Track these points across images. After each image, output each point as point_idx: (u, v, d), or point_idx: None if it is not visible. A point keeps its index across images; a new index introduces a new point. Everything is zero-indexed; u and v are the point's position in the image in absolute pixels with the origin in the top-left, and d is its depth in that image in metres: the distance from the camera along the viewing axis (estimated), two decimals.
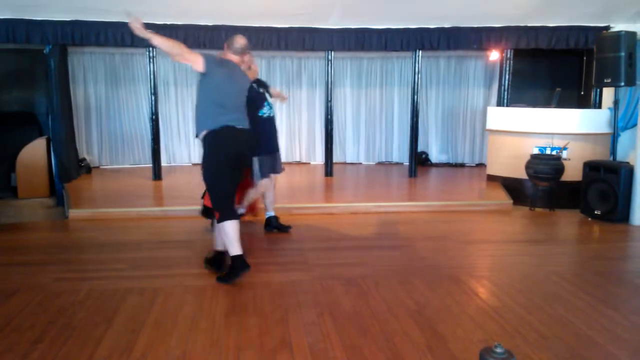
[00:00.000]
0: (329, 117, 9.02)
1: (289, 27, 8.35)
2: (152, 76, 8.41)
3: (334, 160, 9.36)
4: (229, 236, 4.23)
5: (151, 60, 8.35)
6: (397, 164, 10.69)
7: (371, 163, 10.79)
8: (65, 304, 3.88)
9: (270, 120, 5.50)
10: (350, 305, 3.88)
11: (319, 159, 10.56)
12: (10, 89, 9.26)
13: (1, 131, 8.41)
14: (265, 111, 5.40)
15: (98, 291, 4.13)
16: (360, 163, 10.79)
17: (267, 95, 5.56)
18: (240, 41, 4.50)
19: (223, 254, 4.51)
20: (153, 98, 8.45)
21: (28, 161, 7.91)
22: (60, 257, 5.14)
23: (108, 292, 4.11)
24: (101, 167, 9.96)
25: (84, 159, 9.43)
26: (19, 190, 7.86)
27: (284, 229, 5.87)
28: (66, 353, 3.14)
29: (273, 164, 5.57)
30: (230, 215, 4.25)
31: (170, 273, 4.60)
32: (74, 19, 7.70)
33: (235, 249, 4.25)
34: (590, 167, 6.83)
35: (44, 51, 7.97)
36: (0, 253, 5.32)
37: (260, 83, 5.54)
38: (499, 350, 2.17)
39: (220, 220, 4.25)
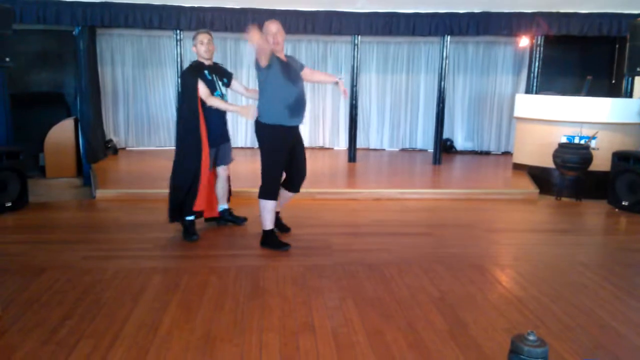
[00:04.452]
0: (354, 102, 8.98)
1: (315, 11, 8.31)
2: (178, 59, 8.45)
3: (358, 146, 9.34)
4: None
5: (178, 43, 8.38)
6: (421, 150, 10.62)
7: (395, 149, 10.74)
8: (92, 281, 3.96)
9: (217, 110, 4.98)
10: (373, 291, 3.89)
11: (342, 144, 10.54)
12: (39, 69, 9.39)
13: (30, 111, 8.55)
14: None
15: (125, 270, 4.20)
16: (384, 149, 10.74)
17: (219, 83, 5.05)
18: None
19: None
20: (179, 81, 8.49)
21: (56, 141, 8.04)
22: (87, 236, 5.24)
23: (134, 271, 4.18)
24: (127, 148, 10.08)
25: (111, 140, 9.55)
26: (47, 170, 8.01)
27: (238, 221, 5.51)
28: (94, 329, 3.21)
29: (220, 155, 5.23)
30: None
31: (195, 254, 4.66)
32: (103, 0, 7.76)
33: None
34: (619, 157, 6.70)
35: (73, 32, 8.06)
36: (30, 231, 5.45)
37: (214, 69, 5.10)
38: (531, 337, 2.16)
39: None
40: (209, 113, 4.91)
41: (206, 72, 4.95)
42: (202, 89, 4.84)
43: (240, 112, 4.92)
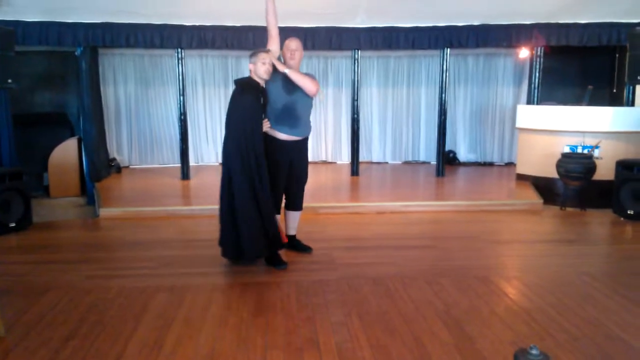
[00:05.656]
0: (355, 116, 9.00)
1: (315, 27, 8.35)
2: (180, 77, 8.50)
3: (360, 160, 9.34)
4: None
5: (180, 61, 8.43)
6: (424, 163, 10.61)
7: (398, 162, 10.73)
8: (96, 301, 3.95)
9: None
10: (378, 305, 3.86)
11: (345, 158, 10.55)
12: (42, 90, 9.45)
13: (34, 131, 8.60)
14: None
15: (128, 289, 4.19)
16: (387, 162, 10.74)
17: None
18: None
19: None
20: (181, 99, 8.54)
21: (60, 161, 8.07)
22: (91, 255, 5.23)
23: (138, 289, 4.17)
24: (131, 166, 10.10)
25: (114, 159, 9.58)
26: (51, 190, 8.03)
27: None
28: (97, 349, 3.19)
29: None
30: None
31: (198, 271, 4.65)
32: (104, 21, 7.82)
33: None
34: (623, 166, 6.68)
35: (76, 53, 8.12)
36: (33, 251, 5.45)
37: (263, 92, 4.72)
38: (534, 352, 2.13)
39: None
40: None
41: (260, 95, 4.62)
42: None
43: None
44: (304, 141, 4.86)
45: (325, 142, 10.72)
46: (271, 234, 4.55)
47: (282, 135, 4.67)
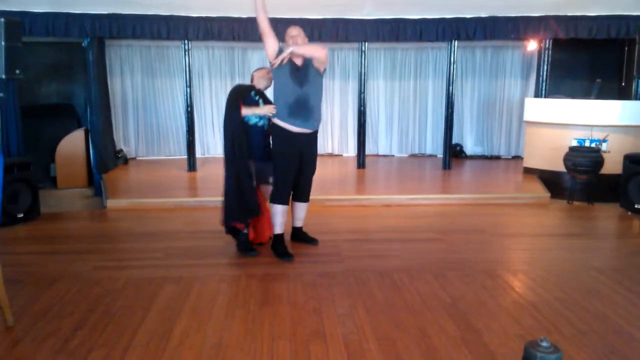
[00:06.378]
0: (362, 108, 8.98)
1: (322, 19, 8.33)
2: (187, 68, 8.50)
3: (367, 153, 9.33)
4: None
5: (186, 52, 8.42)
6: (430, 156, 10.59)
7: (404, 155, 10.71)
8: (104, 292, 3.97)
9: (259, 131, 4.90)
10: (384, 298, 3.87)
11: (351, 151, 10.53)
12: (49, 81, 9.48)
13: (41, 123, 8.62)
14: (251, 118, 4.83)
15: (135, 280, 4.21)
16: (393, 155, 10.72)
17: (261, 102, 4.89)
18: None
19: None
20: (188, 90, 8.54)
21: (67, 152, 8.08)
22: (98, 246, 5.26)
23: (145, 280, 4.19)
24: (137, 158, 10.13)
25: (121, 150, 9.61)
26: (59, 181, 8.05)
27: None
28: (105, 339, 3.22)
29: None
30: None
31: (205, 262, 4.67)
32: (111, 12, 7.82)
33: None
34: (631, 160, 6.64)
35: (82, 44, 8.12)
36: (41, 242, 5.48)
37: (262, 93, 5.00)
38: (544, 344, 2.13)
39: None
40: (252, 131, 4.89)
41: (252, 92, 4.89)
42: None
43: (263, 110, 4.74)
44: (315, 133, 4.86)
45: (332, 134, 10.70)
46: (251, 205, 4.77)
47: (295, 129, 4.63)
